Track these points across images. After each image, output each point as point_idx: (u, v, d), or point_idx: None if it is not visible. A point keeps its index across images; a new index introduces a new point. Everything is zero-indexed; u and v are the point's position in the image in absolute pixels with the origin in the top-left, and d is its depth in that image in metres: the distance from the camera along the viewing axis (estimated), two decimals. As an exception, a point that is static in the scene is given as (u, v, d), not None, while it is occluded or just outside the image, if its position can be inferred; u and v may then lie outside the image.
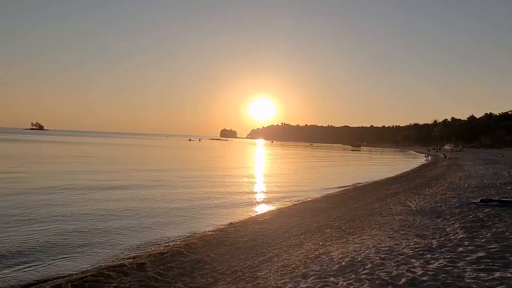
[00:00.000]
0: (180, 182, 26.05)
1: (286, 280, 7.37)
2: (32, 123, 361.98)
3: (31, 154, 48.43)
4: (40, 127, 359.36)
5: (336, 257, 8.51)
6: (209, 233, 12.63)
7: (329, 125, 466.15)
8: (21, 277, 8.21)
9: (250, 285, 7.53)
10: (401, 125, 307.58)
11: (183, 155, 65.63)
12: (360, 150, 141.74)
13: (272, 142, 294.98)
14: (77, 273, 8.51)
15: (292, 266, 8.43)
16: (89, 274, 8.29)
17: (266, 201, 19.72)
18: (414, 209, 14.13)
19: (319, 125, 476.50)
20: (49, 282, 7.95)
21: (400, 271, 6.98)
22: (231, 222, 14.36)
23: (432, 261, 7.56)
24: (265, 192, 23.05)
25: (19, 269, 8.64)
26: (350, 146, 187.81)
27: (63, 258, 9.55)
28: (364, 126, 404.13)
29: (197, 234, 12.43)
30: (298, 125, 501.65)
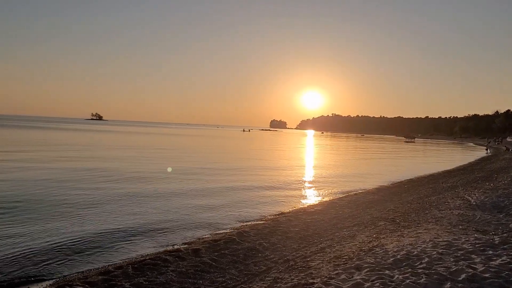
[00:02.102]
0: (232, 172, 26.44)
1: (340, 271, 7.33)
2: (92, 113, 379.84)
3: (106, 144, 51.03)
4: (99, 117, 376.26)
5: (390, 250, 8.34)
6: (261, 222, 12.77)
7: (381, 115, 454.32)
8: (87, 259, 8.74)
9: (303, 274, 7.56)
10: (459, 116, 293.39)
11: (240, 146, 66.43)
12: (414, 142, 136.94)
13: (322, 133, 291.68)
14: (137, 257, 8.92)
15: (345, 257, 8.36)
16: (148, 258, 8.67)
17: (317, 192, 19.61)
18: (474, 203, 13.52)
19: (371, 116, 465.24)
20: (111, 264, 8.41)
21: (460, 267, 6.73)
22: (282, 212, 14.44)
23: (495, 258, 7.22)
24: (316, 183, 22.90)
25: (87, 252, 9.19)
26: (403, 138, 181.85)
27: (124, 242, 10.04)
28: (419, 117, 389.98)
29: (249, 223, 12.63)
30: (349, 115, 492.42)
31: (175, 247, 9.68)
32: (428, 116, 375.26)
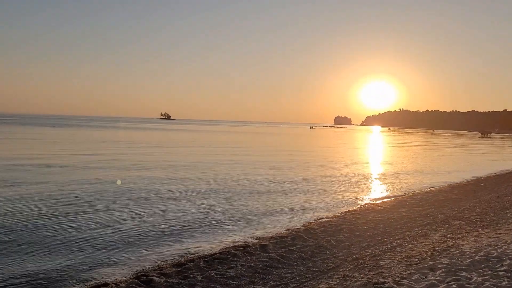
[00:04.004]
0: (299, 167, 26.44)
1: (412, 271, 7.10)
2: (161, 113, 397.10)
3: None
4: (168, 117, 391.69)
5: (467, 251, 7.93)
6: (327, 219, 12.64)
7: (453, 110, 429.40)
8: (161, 251, 9.19)
9: (373, 273, 7.41)
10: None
11: (306, 143, 66.33)
12: (490, 137, 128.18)
13: (389, 129, 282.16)
14: (208, 251, 9.22)
15: (417, 257, 8.08)
16: (218, 252, 8.94)
17: (386, 190, 19.04)
18: (562, 203, 12.45)
19: (442, 110, 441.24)
20: (184, 257, 8.76)
21: (547, 271, 6.26)
22: (349, 210, 14.20)
23: None
24: (385, 181, 22.25)
25: (161, 244, 9.67)
26: (478, 133, 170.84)
27: (195, 235, 10.43)
28: (496, 110, 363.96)
29: (315, 220, 12.55)
30: (418, 110, 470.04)
31: (244, 242, 9.87)
32: (506, 110, 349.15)
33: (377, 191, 18.67)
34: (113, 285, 6.98)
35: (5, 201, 13.46)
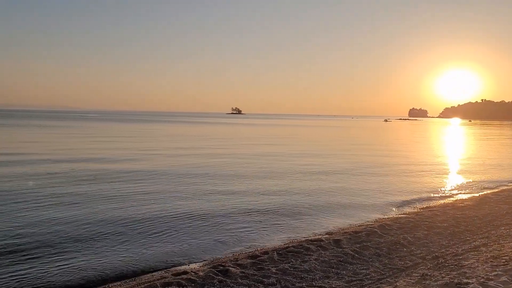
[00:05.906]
0: (373, 163, 25.77)
1: (499, 272, 6.66)
2: (232, 108, 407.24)
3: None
4: (239, 112, 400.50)
5: None
6: (403, 215, 12.20)
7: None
8: (237, 242, 9.45)
9: (455, 273, 7.05)
10: None
11: (385, 136, 64.53)
12: None
13: (470, 121, 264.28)
14: (281, 244, 9.31)
15: (505, 258, 7.55)
16: (291, 245, 8.99)
17: (467, 186, 17.92)
18: None
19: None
20: (258, 249, 8.93)
21: None
22: (427, 206, 13.58)
23: None
24: (466, 176, 20.94)
25: (237, 235, 9.95)
26: None
27: (268, 229, 10.59)
28: None
29: (390, 216, 12.17)
30: (503, 101, 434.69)
31: (317, 236, 9.84)
32: None
33: (458, 187, 17.63)
34: (192, 273, 7.30)
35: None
